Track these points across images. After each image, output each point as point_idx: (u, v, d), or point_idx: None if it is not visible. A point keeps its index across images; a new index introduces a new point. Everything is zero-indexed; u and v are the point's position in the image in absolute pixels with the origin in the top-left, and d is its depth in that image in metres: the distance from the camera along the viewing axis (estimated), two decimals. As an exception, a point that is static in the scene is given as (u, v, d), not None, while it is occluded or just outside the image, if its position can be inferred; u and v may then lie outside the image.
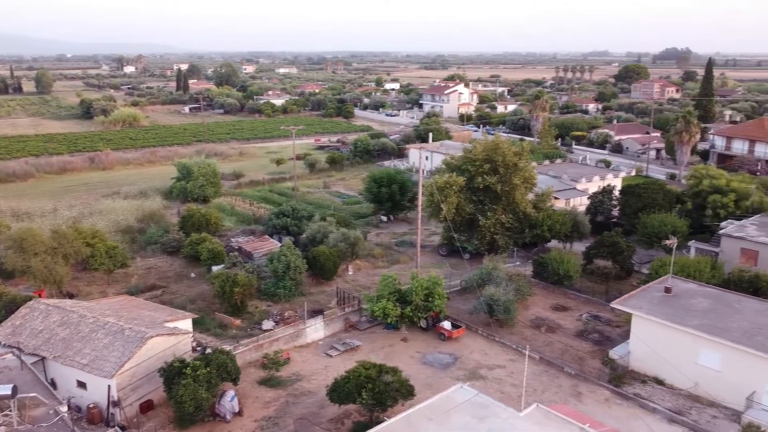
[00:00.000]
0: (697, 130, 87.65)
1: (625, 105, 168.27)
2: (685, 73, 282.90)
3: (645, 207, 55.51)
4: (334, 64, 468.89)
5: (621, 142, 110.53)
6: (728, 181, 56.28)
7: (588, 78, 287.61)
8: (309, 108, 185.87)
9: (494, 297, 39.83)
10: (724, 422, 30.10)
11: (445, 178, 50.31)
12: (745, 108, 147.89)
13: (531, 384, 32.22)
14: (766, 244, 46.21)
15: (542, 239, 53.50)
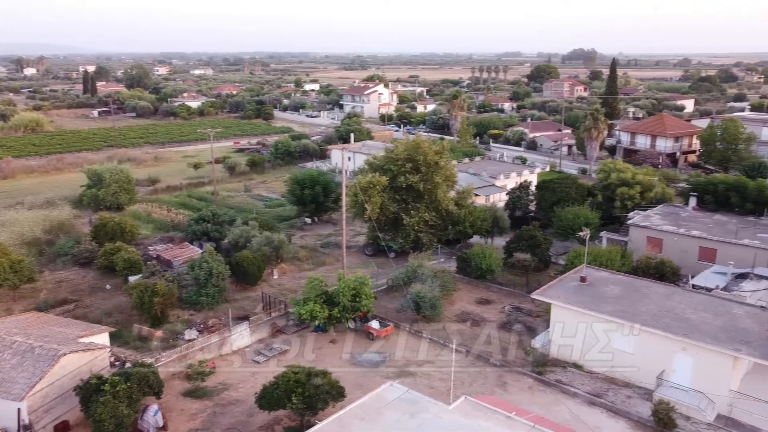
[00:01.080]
0: (605, 127, 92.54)
1: (538, 104, 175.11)
2: (592, 72, 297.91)
3: (559, 201, 58.00)
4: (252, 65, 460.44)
5: (535, 140, 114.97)
6: (634, 174, 59.67)
7: (503, 78, 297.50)
8: (227, 110, 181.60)
9: (420, 294, 40.40)
10: (638, 401, 31.91)
11: (368, 178, 50.52)
12: (646, 105, 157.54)
13: (459, 377, 32.89)
14: (669, 232, 49.46)
15: (465, 235, 54.78)
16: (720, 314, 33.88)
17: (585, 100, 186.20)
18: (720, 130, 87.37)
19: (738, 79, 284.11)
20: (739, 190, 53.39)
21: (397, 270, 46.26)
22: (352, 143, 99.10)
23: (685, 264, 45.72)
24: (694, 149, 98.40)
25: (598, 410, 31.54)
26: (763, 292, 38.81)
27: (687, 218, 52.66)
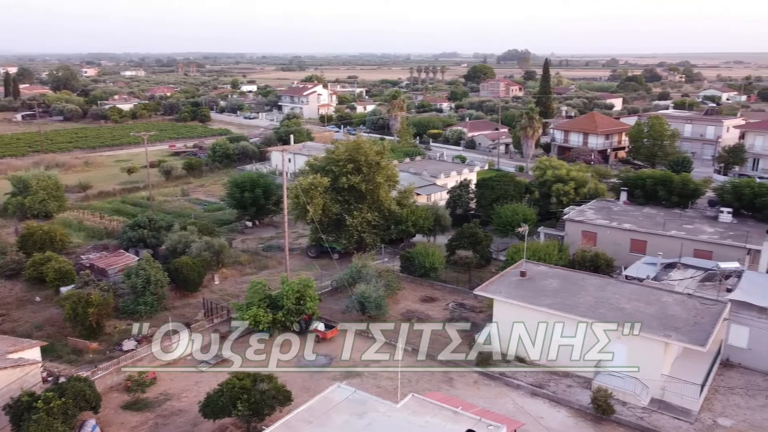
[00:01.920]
0: (540, 125, 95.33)
1: (476, 103, 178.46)
2: (526, 72, 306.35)
3: (498, 198, 59.31)
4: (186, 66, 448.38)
5: (474, 139, 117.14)
6: (568, 170, 61.65)
7: (440, 78, 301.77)
8: (161, 112, 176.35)
9: (365, 294, 40.46)
10: (577, 389, 33.01)
11: (309, 180, 50.17)
12: (578, 104, 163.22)
13: (406, 375, 33.13)
14: (602, 226, 51.43)
15: (407, 234, 55.22)
16: (651, 303, 35.47)
17: (520, 99, 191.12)
18: (647, 128, 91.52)
19: (662, 78, 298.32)
20: (665, 184, 56.03)
21: (341, 271, 46.15)
22: (292, 145, 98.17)
23: (618, 256, 47.65)
24: (623, 146, 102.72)
25: (541, 400, 32.45)
26: (690, 280, 40.90)
27: (618, 212, 54.89)
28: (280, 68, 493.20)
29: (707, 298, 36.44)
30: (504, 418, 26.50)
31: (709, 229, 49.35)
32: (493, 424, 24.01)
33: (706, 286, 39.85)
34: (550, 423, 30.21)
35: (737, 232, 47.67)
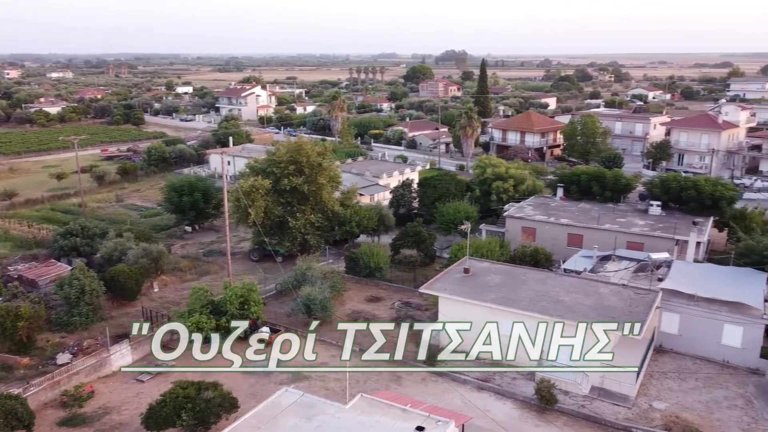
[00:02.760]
0: (478, 125, 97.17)
1: (416, 103, 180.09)
2: (464, 73, 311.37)
3: (440, 197, 60.07)
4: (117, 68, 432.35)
5: (415, 138, 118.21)
6: (507, 168, 63.06)
7: (380, 78, 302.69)
8: (92, 115, 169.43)
9: (311, 296, 40.17)
10: (522, 382, 33.82)
11: (250, 182, 49.34)
12: (514, 103, 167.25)
13: (354, 376, 33.07)
14: (541, 222, 52.89)
15: (352, 235, 55.17)
16: (589, 294, 36.75)
17: (459, 99, 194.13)
18: (580, 126, 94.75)
19: (592, 78, 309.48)
20: (599, 180, 58.16)
21: (286, 274, 45.64)
22: (231, 147, 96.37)
23: (556, 250, 49.12)
24: (558, 143, 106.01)
25: (487, 394, 33.08)
26: (624, 271, 42.62)
27: (556, 208, 56.58)
28: (216, 69, 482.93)
29: (640, 287, 38.06)
30: (452, 413, 26.85)
31: (641, 221, 51.56)
32: (442, 419, 24.29)
33: (639, 276, 41.64)
34: (497, 415, 30.84)
35: (666, 224, 50.00)
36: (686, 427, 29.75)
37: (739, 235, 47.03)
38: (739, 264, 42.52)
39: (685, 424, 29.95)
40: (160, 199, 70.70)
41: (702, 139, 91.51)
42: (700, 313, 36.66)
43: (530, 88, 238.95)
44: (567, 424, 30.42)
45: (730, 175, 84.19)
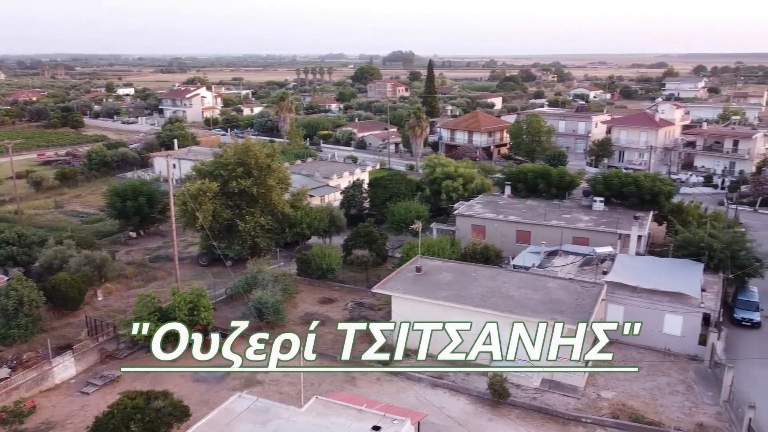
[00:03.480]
0: (427, 125, 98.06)
1: (364, 104, 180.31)
2: (411, 73, 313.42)
3: (391, 197, 60.31)
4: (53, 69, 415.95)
5: (364, 139, 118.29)
6: (456, 167, 63.90)
7: (328, 79, 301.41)
8: (27, 119, 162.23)
9: (262, 300, 39.62)
10: (475, 377, 34.29)
11: (197, 185, 48.24)
12: (462, 103, 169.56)
13: (308, 379, 32.75)
14: (490, 219, 53.80)
15: (303, 237, 54.73)
16: (538, 289, 37.60)
17: (407, 99, 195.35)
18: (525, 125, 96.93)
19: (536, 78, 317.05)
20: (545, 178, 59.59)
21: (236, 278, 44.85)
22: (176, 149, 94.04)
23: (505, 247, 50.07)
24: (505, 142, 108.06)
25: (441, 391, 33.39)
26: (571, 265, 43.83)
27: (504, 205, 57.65)
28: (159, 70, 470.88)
29: (586, 281, 39.21)
30: (408, 411, 26.98)
31: (585, 217, 53.12)
32: (398, 418, 24.37)
33: (585, 270, 42.89)
34: (451, 411, 31.16)
35: (609, 219, 51.69)
36: (632, 413, 30.82)
37: (677, 228, 49.02)
38: (678, 256, 44.35)
39: (631, 411, 31.03)
40: (102, 204, 68.30)
41: (641, 136, 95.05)
42: (643, 304, 38.07)
43: (476, 88, 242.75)
44: (519, 416, 31.03)
45: (667, 170, 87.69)
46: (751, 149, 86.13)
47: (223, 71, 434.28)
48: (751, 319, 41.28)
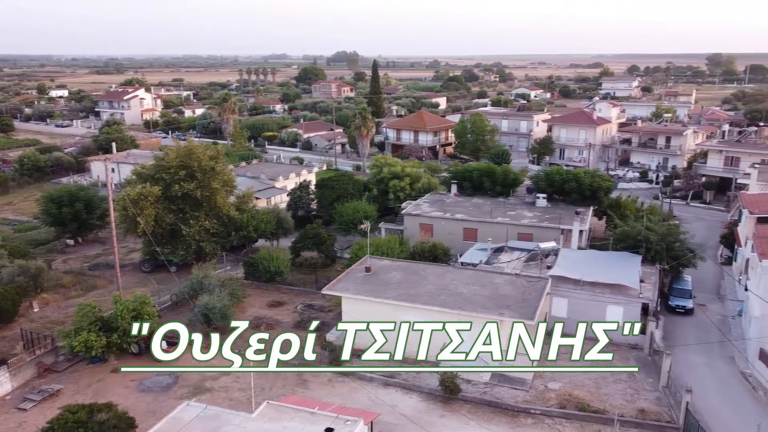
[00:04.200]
0: (373, 125, 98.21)
1: (309, 104, 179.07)
2: (356, 74, 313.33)
3: (339, 197, 60.12)
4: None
5: (310, 140, 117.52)
6: (403, 167, 64.28)
7: (271, 80, 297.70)
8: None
9: (209, 305, 38.79)
10: (426, 375, 34.56)
11: (138, 190, 46.82)
12: (407, 103, 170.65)
13: (258, 384, 32.28)
14: (437, 218, 54.36)
15: (249, 240, 53.88)
16: (486, 285, 38.25)
17: (352, 100, 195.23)
18: (469, 124, 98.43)
19: (479, 78, 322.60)
20: (489, 176, 60.65)
21: (181, 284, 43.75)
22: (114, 153, 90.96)
23: (453, 244, 50.68)
24: (450, 142, 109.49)
25: (393, 390, 33.51)
26: (516, 261, 44.77)
27: (451, 204, 58.37)
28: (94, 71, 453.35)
29: (532, 276, 40.17)
30: (360, 411, 26.96)
31: (529, 213, 54.39)
32: (351, 419, 24.31)
33: (530, 265, 43.91)
34: (404, 409, 31.31)
35: (552, 215, 53.09)
36: (578, 403, 31.76)
37: (616, 222, 50.81)
38: (617, 248, 45.98)
39: (577, 401, 31.96)
40: (36, 211, 65.36)
41: (580, 134, 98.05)
42: (586, 296, 39.30)
43: (421, 88, 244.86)
44: (471, 411, 31.48)
45: (605, 167, 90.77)
46: (683, 145, 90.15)
47: (162, 72, 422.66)
48: (684, 306, 43.35)
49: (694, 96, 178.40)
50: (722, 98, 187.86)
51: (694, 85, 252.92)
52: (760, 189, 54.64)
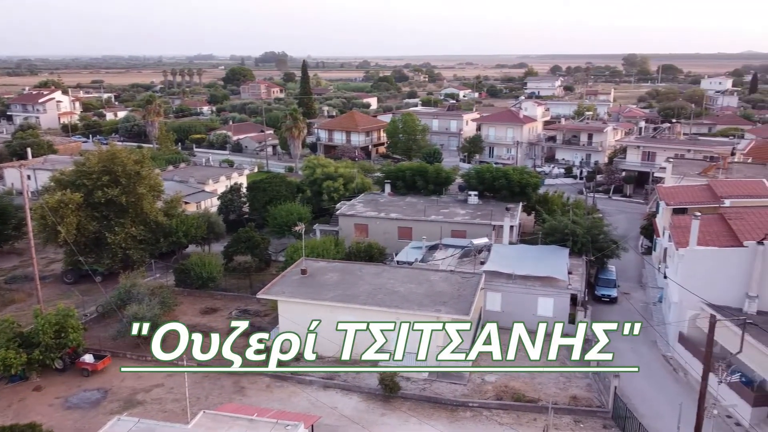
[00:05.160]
0: (304, 126, 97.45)
1: (238, 106, 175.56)
2: (285, 74, 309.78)
3: (271, 200, 59.23)
4: None
5: (240, 142, 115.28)
6: (336, 168, 64.07)
7: (198, 81, 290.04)
8: None
9: (138, 315, 37.27)
10: (366, 376, 34.57)
11: (57, 197, 44.41)
12: (338, 104, 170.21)
13: (194, 393, 31.39)
14: (372, 218, 54.51)
15: (180, 246, 52.23)
16: (422, 283, 38.66)
17: (282, 101, 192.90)
18: (401, 124, 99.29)
19: (409, 78, 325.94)
20: (422, 175, 61.38)
21: (108, 294, 41.90)
22: (30, 159, 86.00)
23: (388, 243, 50.97)
24: (382, 141, 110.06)
25: (333, 391, 33.35)
26: (451, 258, 45.52)
27: (385, 203, 58.67)
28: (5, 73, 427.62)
29: (466, 272, 40.94)
30: (300, 415, 26.67)
31: (462, 211, 55.41)
32: (291, 423, 24.00)
33: (464, 261, 44.76)
34: (344, 410, 31.21)
35: (483, 212, 54.30)
36: (514, 394, 32.65)
37: (544, 216, 52.53)
38: (546, 242, 47.59)
39: (513, 392, 32.85)
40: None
41: (507, 132, 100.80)
42: (518, 289, 40.43)
43: (351, 88, 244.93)
44: (411, 408, 31.74)
45: (532, 164, 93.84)
46: (603, 141, 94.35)
47: (80, 73, 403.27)
48: (609, 295, 45.45)
49: (613, 95, 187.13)
50: (638, 97, 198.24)
51: (612, 84, 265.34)
52: (675, 182, 57.89)
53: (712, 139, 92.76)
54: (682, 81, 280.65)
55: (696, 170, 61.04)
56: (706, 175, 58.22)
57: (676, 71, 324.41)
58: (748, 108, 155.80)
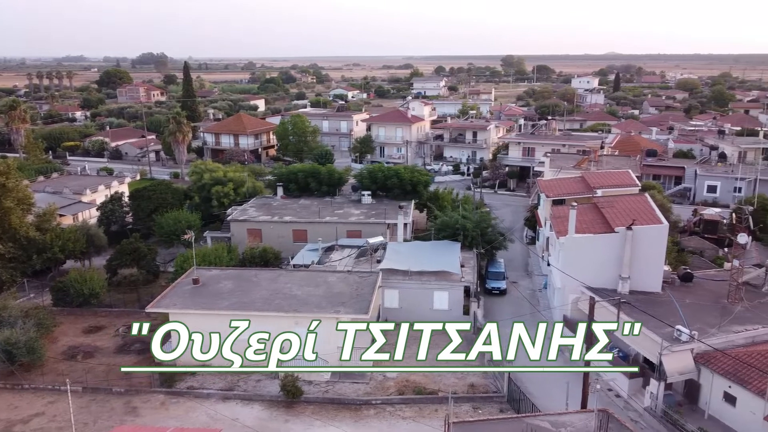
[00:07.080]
0: (189, 130, 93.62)
1: (115, 110, 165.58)
2: (166, 77, 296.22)
3: (157, 208, 56.45)
4: None
5: (119, 148, 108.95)
6: (225, 172, 62.17)
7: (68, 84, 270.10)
8: None
9: (11, 340, 34.16)
10: (267, 382, 33.95)
11: None
12: (224, 107, 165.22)
13: (80, 419, 29.27)
14: (265, 222, 53.53)
15: (56, 262, 48.44)
16: (319, 285, 38.50)
17: (164, 104, 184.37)
18: (290, 125, 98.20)
19: (296, 80, 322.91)
20: (315, 176, 61.10)
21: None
22: None
23: (284, 247, 50.25)
24: (272, 144, 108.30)
25: (233, 402, 32.40)
26: (348, 258, 45.67)
27: (278, 207, 57.77)
28: None
29: (363, 271, 41.28)
30: (200, 430, 25.65)
31: (356, 211, 55.77)
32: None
33: (361, 261, 45.08)
34: (246, 421, 30.43)
35: (377, 211, 55.01)
36: (415, 387, 33.35)
37: (436, 213, 54.12)
38: (438, 238, 49.04)
39: (414, 385, 33.56)
40: None
41: (397, 132, 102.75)
42: (414, 285, 41.38)
43: (238, 90, 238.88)
44: (315, 411, 31.52)
45: (422, 162, 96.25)
46: (487, 139, 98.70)
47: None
48: (499, 287, 47.65)
49: (494, 94, 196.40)
50: (516, 95, 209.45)
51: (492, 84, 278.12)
52: (553, 175, 61.72)
53: (584, 134, 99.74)
54: (555, 80, 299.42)
55: (571, 163, 65.42)
56: (580, 167, 62.56)
57: (549, 71, 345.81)
58: (613, 105, 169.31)
